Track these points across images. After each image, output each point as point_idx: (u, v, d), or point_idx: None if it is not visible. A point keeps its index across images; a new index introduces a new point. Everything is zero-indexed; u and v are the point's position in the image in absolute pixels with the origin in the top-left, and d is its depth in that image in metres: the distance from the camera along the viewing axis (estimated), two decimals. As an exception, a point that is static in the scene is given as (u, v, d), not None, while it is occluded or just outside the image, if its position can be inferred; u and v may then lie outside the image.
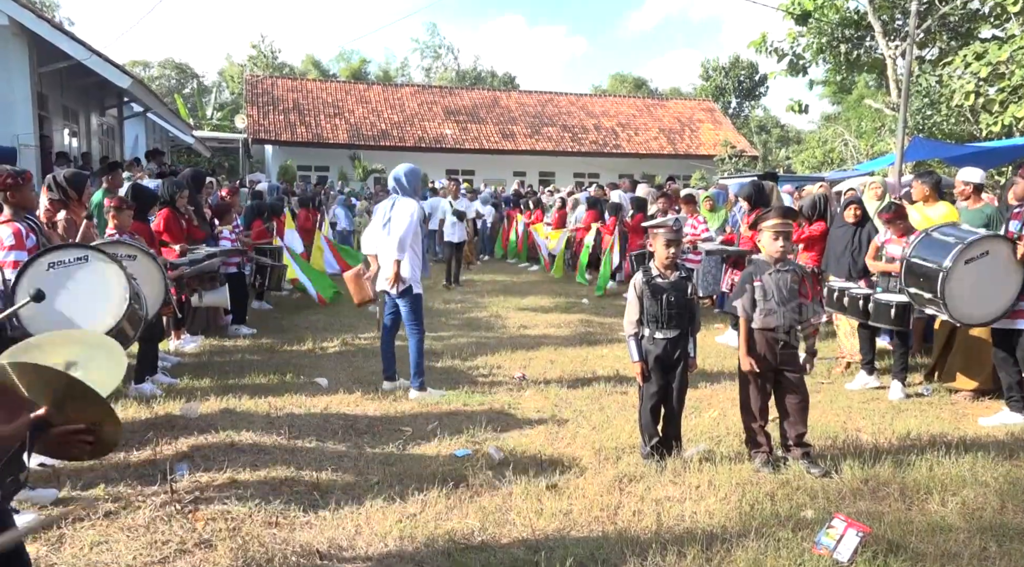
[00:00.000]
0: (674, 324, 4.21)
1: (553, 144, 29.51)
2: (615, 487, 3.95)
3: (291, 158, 26.25)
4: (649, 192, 12.50)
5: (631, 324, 4.32)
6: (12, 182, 4.11)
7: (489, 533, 3.41)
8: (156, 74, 48.66)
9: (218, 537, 3.29)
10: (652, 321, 4.23)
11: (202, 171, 9.39)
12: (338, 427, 4.87)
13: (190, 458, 4.25)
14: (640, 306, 4.28)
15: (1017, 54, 14.48)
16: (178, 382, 5.87)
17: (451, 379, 6.22)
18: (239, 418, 4.98)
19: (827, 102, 40.23)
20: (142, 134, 20.68)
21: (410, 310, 5.69)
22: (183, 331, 7.24)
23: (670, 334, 4.22)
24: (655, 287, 4.23)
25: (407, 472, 4.12)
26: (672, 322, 4.21)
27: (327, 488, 3.87)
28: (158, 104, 17.21)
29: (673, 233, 4.30)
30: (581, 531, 3.46)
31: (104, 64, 12.17)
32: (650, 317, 4.23)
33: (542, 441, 4.70)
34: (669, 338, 4.22)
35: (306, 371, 6.38)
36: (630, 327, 4.32)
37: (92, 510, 3.50)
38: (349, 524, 3.47)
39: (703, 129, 32.24)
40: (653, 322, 4.23)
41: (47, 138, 12.53)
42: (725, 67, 42.28)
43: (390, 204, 5.79)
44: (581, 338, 8.15)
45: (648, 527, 3.50)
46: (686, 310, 4.24)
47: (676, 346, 4.24)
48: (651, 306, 4.22)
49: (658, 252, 4.29)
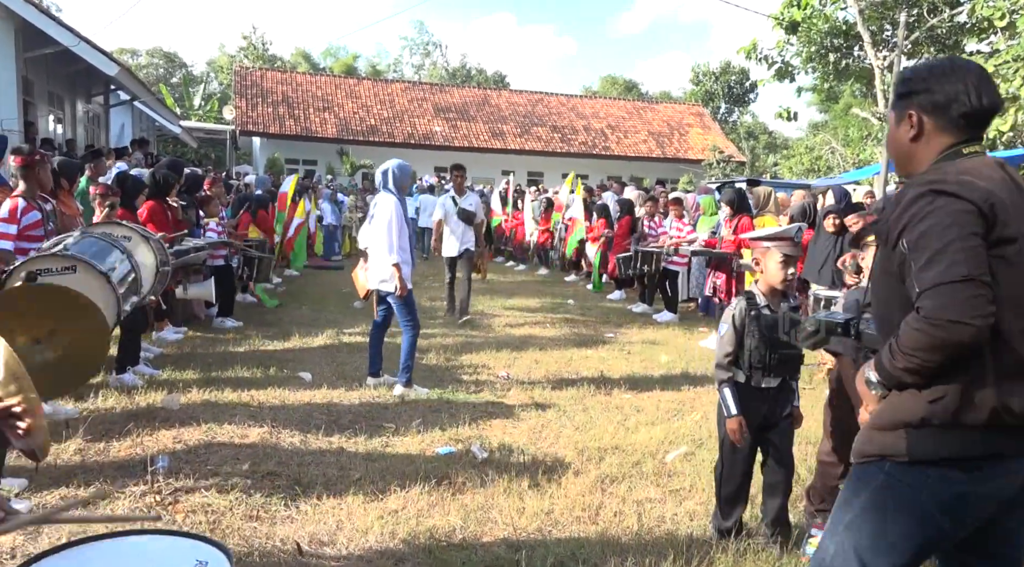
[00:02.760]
0: (782, 369, 3.27)
1: (543, 144, 29.53)
2: (597, 487, 3.96)
3: (279, 151, 26.08)
4: (637, 195, 12.51)
5: (724, 367, 3.28)
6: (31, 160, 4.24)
7: (471, 531, 3.42)
8: (144, 62, 48.21)
9: (198, 530, 3.27)
10: (755, 365, 3.23)
11: (180, 161, 9.30)
12: (321, 421, 4.86)
13: (171, 451, 4.22)
14: (739, 343, 3.26)
15: (1003, 68, 14.66)
16: (160, 373, 5.83)
17: (436, 377, 6.21)
18: (221, 411, 4.95)
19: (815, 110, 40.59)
20: (128, 122, 20.47)
21: (402, 306, 5.65)
22: (166, 323, 7.19)
23: (773, 382, 3.28)
24: (762, 321, 3.22)
25: (390, 468, 4.11)
26: (779, 367, 3.26)
27: (309, 483, 3.86)
28: (145, 93, 17.06)
29: (793, 247, 3.26)
30: (562, 531, 3.47)
31: (91, 51, 12.04)
32: (753, 360, 3.23)
33: (525, 440, 4.71)
34: (773, 387, 3.28)
35: (290, 365, 6.35)
36: (722, 371, 3.29)
37: (71, 501, 3.47)
38: (330, 519, 3.47)
39: (692, 133, 32.39)
40: (758, 367, 3.23)
41: (32, 124, 12.38)
42: (715, 72, 42.49)
43: (374, 200, 5.85)
44: (566, 339, 8.17)
45: (629, 528, 3.51)
46: (795, 350, 3.26)
47: (781, 396, 3.32)
48: (755, 346, 3.21)
49: (770, 273, 3.26)
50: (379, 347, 5.91)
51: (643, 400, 5.78)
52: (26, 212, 4.30)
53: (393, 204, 5.60)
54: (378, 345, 5.91)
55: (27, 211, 4.30)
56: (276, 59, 48.02)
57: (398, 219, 5.56)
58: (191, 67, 50.54)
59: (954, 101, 1.84)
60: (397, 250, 5.50)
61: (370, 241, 5.77)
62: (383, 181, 5.75)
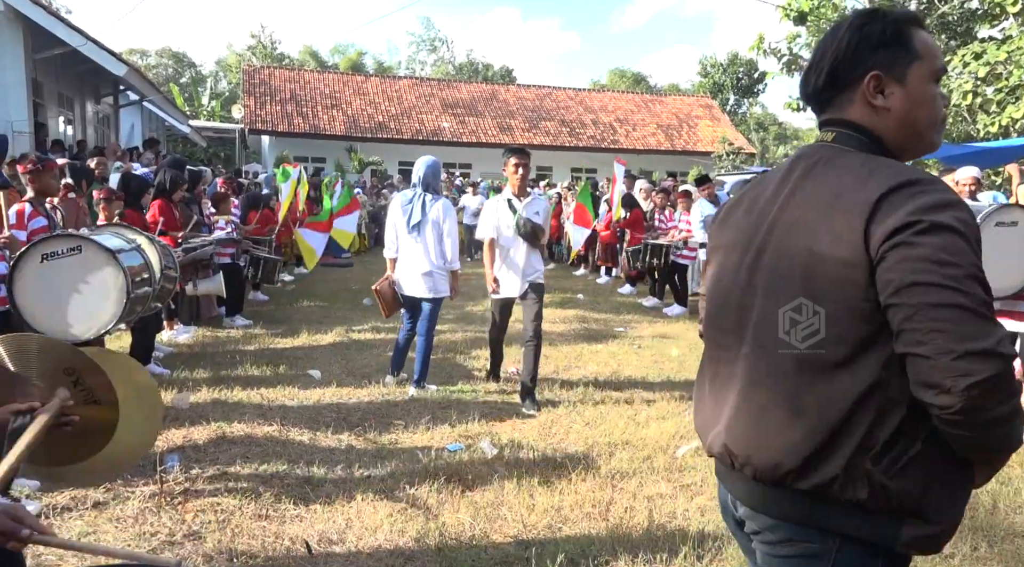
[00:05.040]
0: None
1: (551, 138, 29.43)
2: (607, 483, 3.93)
3: (287, 149, 26.11)
4: (643, 188, 12.41)
5: None
6: (33, 168, 4.33)
7: (480, 528, 3.40)
8: (154, 63, 48.43)
9: (207, 529, 3.27)
10: None
11: (182, 159, 9.31)
12: (330, 420, 4.85)
13: (181, 449, 4.22)
14: None
15: (1016, 54, 14.47)
16: (170, 373, 5.84)
17: (445, 373, 6.19)
18: (231, 409, 4.95)
19: (825, 100, 40.09)
20: (138, 123, 20.56)
21: (432, 310, 5.54)
22: (176, 321, 7.20)
23: None
24: None
25: (399, 466, 4.09)
26: None
27: (318, 481, 3.85)
28: (154, 93, 17.12)
29: None
30: (572, 527, 3.44)
31: (100, 51, 12.09)
32: None
33: (535, 436, 4.68)
34: None
35: (300, 363, 6.35)
36: None
37: (81, 501, 3.48)
38: (340, 518, 3.45)
39: (701, 125, 32.20)
40: None
41: (43, 126, 12.45)
42: (723, 64, 42.19)
43: (419, 203, 5.42)
44: (576, 333, 8.13)
45: (640, 524, 3.48)
46: None
47: None
48: None
49: None
50: (406, 351, 5.82)
51: (654, 394, 5.74)
52: (32, 217, 4.39)
53: (448, 209, 5.43)
54: (406, 349, 5.81)
55: (33, 216, 4.39)
56: (284, 57, 48.12)
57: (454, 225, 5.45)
58: (200, 67, 50.75)
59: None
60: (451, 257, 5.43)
61: (419, 249, 5.44)
62: (423, 185, 5.45)
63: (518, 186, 5.45)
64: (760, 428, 1.43)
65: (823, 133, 1.53)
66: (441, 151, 27.64)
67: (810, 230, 1.38)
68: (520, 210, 5.39)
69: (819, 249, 1.35)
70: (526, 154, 5.48)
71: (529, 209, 5.44)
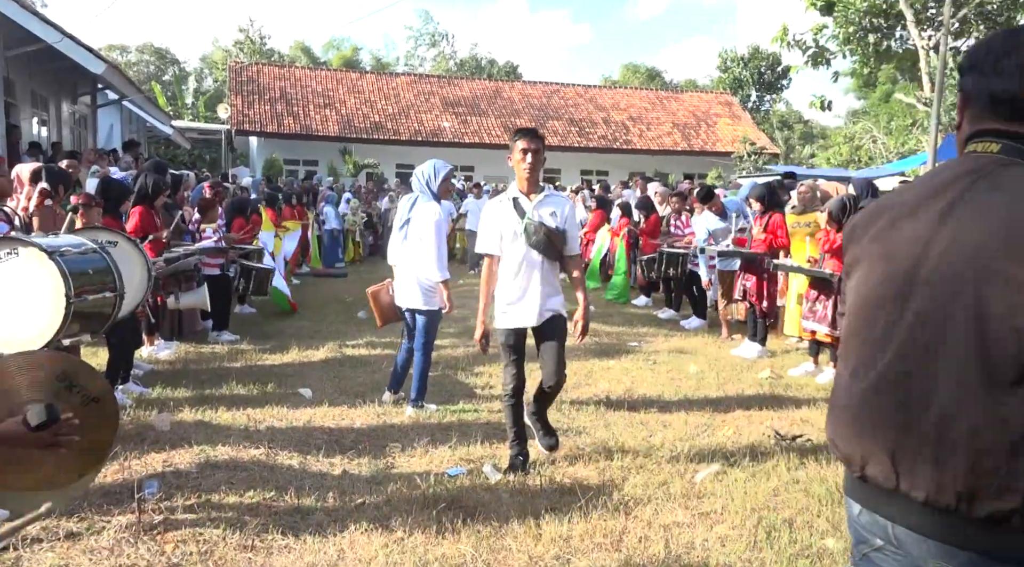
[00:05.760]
0: None
1: (559, 139, 29.51)
2: (620, 511, 3.92)
3: (277, 151, 26.25)
4: (658, 192, 12.41)
5: None
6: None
7: (483, 559, 3.38)
8: (134, 59, 48.87)
9: (189, 561, 3.27)
10: None
11: (164, 162, 9.35)
12: (322, 442, 4.85)
13: (161, 475, 4.22)
14: None
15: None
16: (150, 392, 5.85)
17: (446, 391, 6.19)
18: (215, 431, 4.96)
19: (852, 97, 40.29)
20: (117, 123, 20.68)
21: (427, 323, 5.50)
22: (156, 336, 7.22)
23: None
24: None
25: (395, 492, 4.09)
26: None
27: (308, 509, 3.84)
28: (135, 92, 17.23)
29: None
30: (582, 558, 3.43)
31: (77, 48, 12.15)
32: None
33: (542, 459, 4.67)
34: None
35: (289, 381, 6.36)
36: None
37: (52, 532, 3.48)
38: (331, 549, 3.45)
39: (720, 124, 32.26)
40: None
41: (15, 128, 12.53)
42: (744, 58, 42.29)
43: (409, 204, 5.49)
44: (586, 348, 8.11)
45: (656, 555, 3.47)
46: None
47: None
48: None
49: None
50: (406, 368, 5.81)
51: (670, 415, 5.73)
52: None
53: (437, 213, 5.38)
54: (405, 366, 5.80)
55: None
56: (274, 53, 48.45)
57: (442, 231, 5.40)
58: (184, 63, 51.12)
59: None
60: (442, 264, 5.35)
61: (406, 254, 5.48)
62: (420, 186, 5.47)
63: (527, 180, 4.36)
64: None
65: (985, 143, 1.54)
66: (442, 153, 27.69)
67: (980, 263, 1.41)
68: (529, 211, 4.40)
69: (990, 288, 1.39)
70: (538, 137, 4.39)
71: (542, 209, 4.39)
